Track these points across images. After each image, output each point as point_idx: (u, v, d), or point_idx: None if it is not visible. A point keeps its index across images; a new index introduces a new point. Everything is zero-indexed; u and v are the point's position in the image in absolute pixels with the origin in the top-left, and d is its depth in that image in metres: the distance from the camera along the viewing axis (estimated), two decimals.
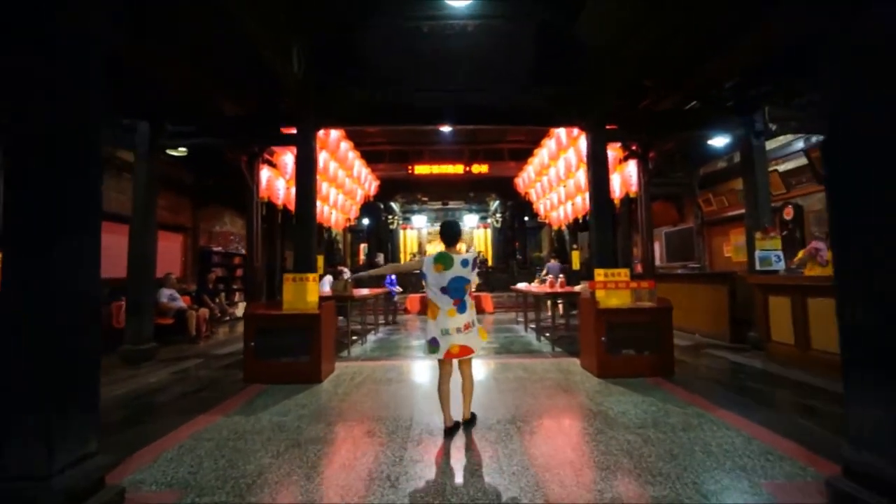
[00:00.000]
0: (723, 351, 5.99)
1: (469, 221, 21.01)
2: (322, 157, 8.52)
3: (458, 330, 3.14)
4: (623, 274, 5.32)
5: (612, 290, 5.11)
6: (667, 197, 11.21)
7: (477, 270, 3.31)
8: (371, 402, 4.03)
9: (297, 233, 5.38)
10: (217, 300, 8.78)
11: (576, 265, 14.46)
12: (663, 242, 11.98)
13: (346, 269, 12.60)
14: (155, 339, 6.10)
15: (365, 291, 8.11)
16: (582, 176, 8.94)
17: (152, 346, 5.97)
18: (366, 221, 17.71)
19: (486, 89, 5.80)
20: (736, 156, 8.56)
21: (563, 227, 14.07)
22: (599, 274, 5.28)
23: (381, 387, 4.54)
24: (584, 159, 6.97)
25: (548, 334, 7.50)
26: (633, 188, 7.73)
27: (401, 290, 13.13)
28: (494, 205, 18.96)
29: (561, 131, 8.33)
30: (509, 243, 18.50)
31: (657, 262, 11.26)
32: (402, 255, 21.78)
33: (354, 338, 7.45)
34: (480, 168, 13.31)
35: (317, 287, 5.24)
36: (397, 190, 15.11)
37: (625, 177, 7.77)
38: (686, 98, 6.15)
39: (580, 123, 5.87)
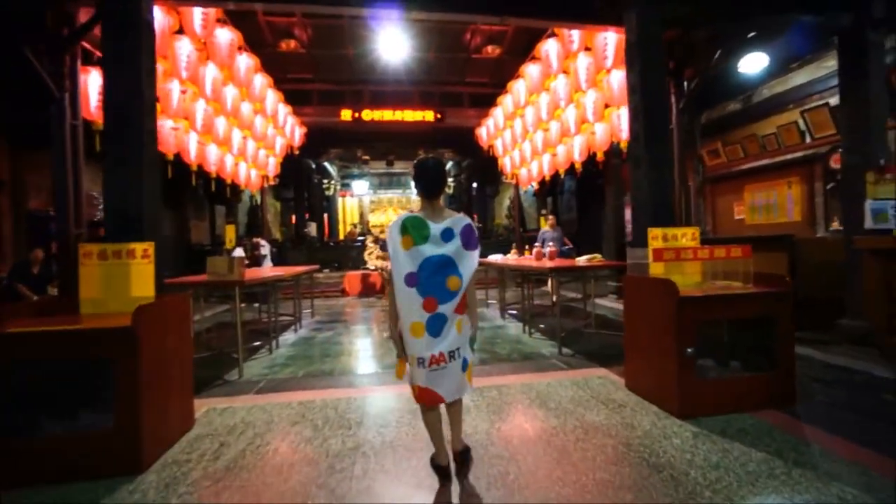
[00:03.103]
0: (801, 347, 4.24)
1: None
2: (209, 73, 5.72)
3: (422, 362, 1.83)
4: (691, 235, 3.30)
5: (678, 260, 3.08)
6: None
7: (477, 250, 1.95)
8: None
9: (110, 166, 2.78)
10: (50, 289, 5.84)
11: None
12: None
13: (264, 242, 9.83)
14: None
15: (268, 271, 5.58)
16: (571, 115, 6.88)
17: None
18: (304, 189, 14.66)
19: None
20: (757, 94, 6.85)
21: (530, 188, 12.11)
22: (655, 236, 3.22)
23: (287, 477, 2.20)
24: (603, 65, 4.87)
25: (542, 326, 5.47)
26: None
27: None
28: (448, 166, 16.60)
29: (551, 48, 6.13)
30: (465, 211, 16.38)
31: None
32: (340, 227, 18.96)
33: (257, 343, 4.96)
34: (435, 115, 10.83)
35: (150, 272, 2.72)
36: (330, 142, 12.29)
37: None
38: None
39: None
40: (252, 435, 2.63)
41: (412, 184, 2.34)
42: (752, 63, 5.75)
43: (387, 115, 10.73)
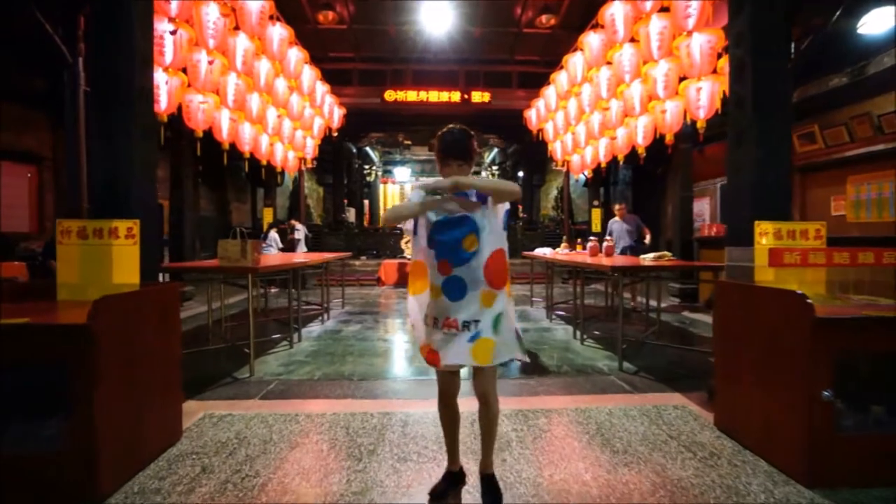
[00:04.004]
0: None
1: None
2: (239, 43, 5.36)
3: (436, 324, 1.71)
4: (814, 232, 2.50)
5: (804, 265, 2.30)
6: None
7: (505, 217, 1.78)
8: None
9: (96, 130, 2.35)
10: None
11: (595, 226, 11.73)
12: (717, 199, 9.19)
13: (299, 226, 9.60)
14: None
15: (296, 257, 5.16)
16: (636, 91, 5.99)
17: None
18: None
19: None
20: (875, 63, 5.64)
21: (581, 177, 11.16)
22: (764, 231, 2.44)
23: None
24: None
25: (597, 333, 4.75)
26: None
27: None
28: (492, 154, 15.82)
29: (617, 11, 5.29)
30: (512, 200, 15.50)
31: (701, 226, 8.53)
32: (381, 214, 18.71)
33: (276, 336, 4.57)
34: (481, 96, 10.10)
35: (135, 254, 2.29)
36: (371, 125, 11.86)
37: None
38: None
39: None
40: (242, 458, 2.15)
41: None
42: (878, 22, 4.63)
43: (431, 95, 10.13)
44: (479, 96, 10.10)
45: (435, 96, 10.16)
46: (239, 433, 2.43)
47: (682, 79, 5.24)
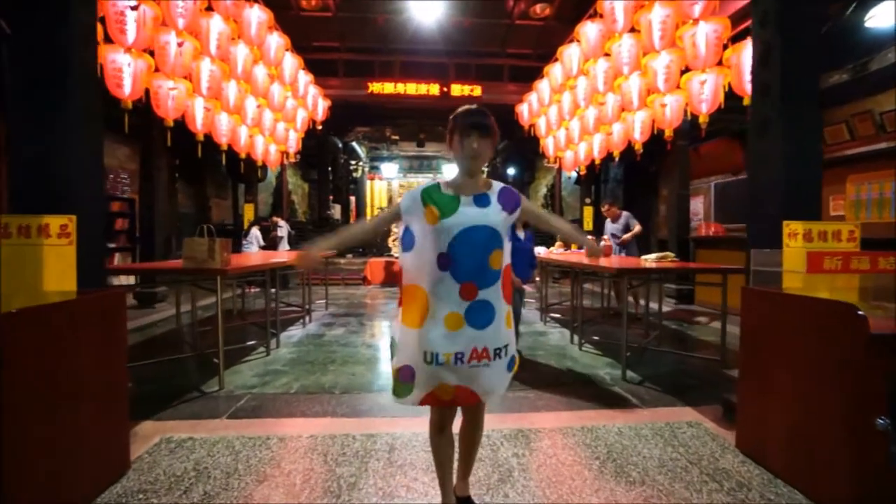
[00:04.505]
0: None
1: (451, 171, 17.56)
2: (213, 25, 4.97)
3: (461, 358, 1.41)
4: (847, 234, 2.26)
5: (844, 271, 2.06)
6: (727, 134, 8.16)
7: (515, 216, 1.54)
8: None
9: (23, 112, 1.98)
10: None
11: (587, 225, 11.52)
12: (711, 198, 9.06)
13: (282, 223, 9.18)
14: None
15: (277, 256, 4.78)
16: (635, 84, 5.75)
17: None
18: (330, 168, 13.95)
19: None
20: (879, 59, 5.48)
21: (572, 175, 10.95)
22: (793, 232, 2.20)
23: None
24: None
25: (596, 338, 4.50)
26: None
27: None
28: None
29: (616, 1, 5.04)
30: None
31: (699, 225, 8.38)
32: (367, 211, 18.30)
33: (252, 342, 4.21)
34: (471, 90, 9.79)
35: (70, 256, 1.94)
36: (357, 119, 11.46)
37: (739, 70, 4.42)
38: None
39: None
40: (199, 497, 1.82)
41: (443, 167, 1.64)
42: (886, 15, 4.46)
43: (421, 88, 9.77)
44: (468, 90, 9.79)
45: (424, 89, 9.82)
46: (199, 463, 2.09)
47: (683, 71, 5.02)
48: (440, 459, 1.62)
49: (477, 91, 9.85)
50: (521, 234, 3.52)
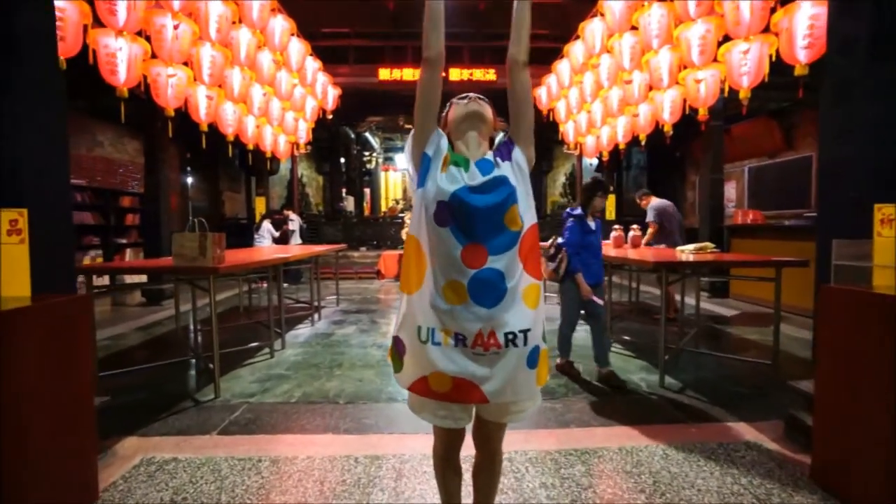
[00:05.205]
0: None
1: None
2: (213, 8, 4.69)
3: (462, 341, 1.11)
4: None
5: None
6: (765, 113, 7.56)
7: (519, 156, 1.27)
8: None
9: None
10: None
11: (609, 214, 11.00)
12: (745, 182, 8.46)
13: (293, 216, 8.96)
14: None
15: (290, 250, 4.50)
16: (664, 60, 5.25)
17: None
18: (340, 158, 13.70)
19: None
20: None
21: (592, 162, 10.44)
22: (887, 217, 1.78)
23: None
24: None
25: (626, 338, 4.11)
26: (804, 59, 3.90)
27: None
28: (498, 137, 15.01)
29: None
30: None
31: (734, 213, 7.82)
32: (382, 203, 18.04)
33: (255, 344, 3.95)
34: (486, 74, 9.36)
35: (22, 256, 1.67)
36: (369, 107, 11.12)
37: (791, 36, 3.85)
38: None
39: None
40: None
41: None
42: None
43: None
44: (482, 74, 9.35)
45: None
46: (178, 492, 1.82)
47: (720, 42, 4.52)
48: (448, 492, 1.37)
49: (491, 75, 9.41)
50: (591, 224, 3.07)
